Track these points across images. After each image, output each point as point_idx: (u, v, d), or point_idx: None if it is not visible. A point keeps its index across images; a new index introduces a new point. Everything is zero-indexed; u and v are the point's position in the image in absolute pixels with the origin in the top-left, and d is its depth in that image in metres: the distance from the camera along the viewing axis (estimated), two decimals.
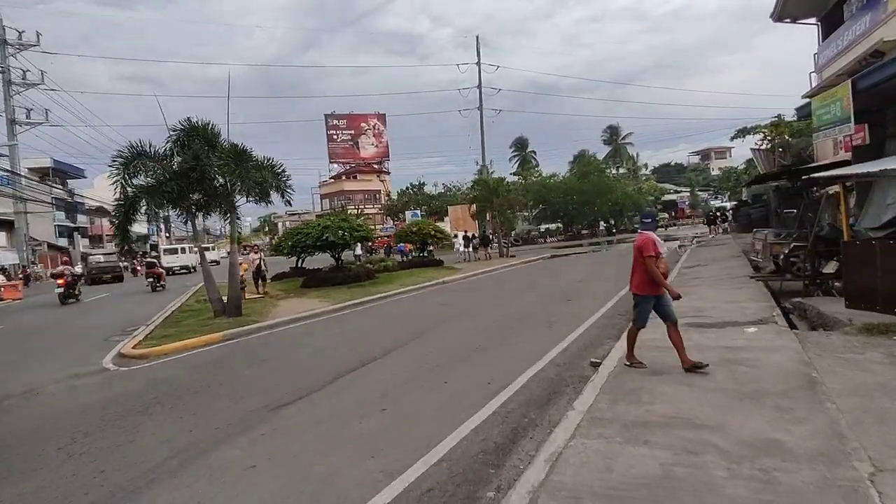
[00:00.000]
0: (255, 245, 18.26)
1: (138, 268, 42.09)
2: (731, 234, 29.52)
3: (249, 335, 10.20)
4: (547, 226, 55.69)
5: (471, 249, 27.28)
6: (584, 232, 49.89)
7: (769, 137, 26.77)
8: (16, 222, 42.20)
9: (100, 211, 67.56)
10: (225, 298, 11.97)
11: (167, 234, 76.27)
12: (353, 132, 75.32)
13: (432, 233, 22.51)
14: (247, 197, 10.76)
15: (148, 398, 6.25)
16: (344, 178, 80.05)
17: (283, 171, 12.68)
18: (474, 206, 28.55)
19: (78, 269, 33.06)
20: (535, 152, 70.21)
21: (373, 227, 60.22)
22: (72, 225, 57.44)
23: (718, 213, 33.05)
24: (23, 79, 40.57)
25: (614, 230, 52.83)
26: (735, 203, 34.60)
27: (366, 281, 17.62)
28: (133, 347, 9.11)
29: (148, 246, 73.54)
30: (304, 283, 17.82)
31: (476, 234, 30.42)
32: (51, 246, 51.61)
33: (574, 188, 46.49)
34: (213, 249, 66.29)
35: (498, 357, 7.02)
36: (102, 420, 5.57)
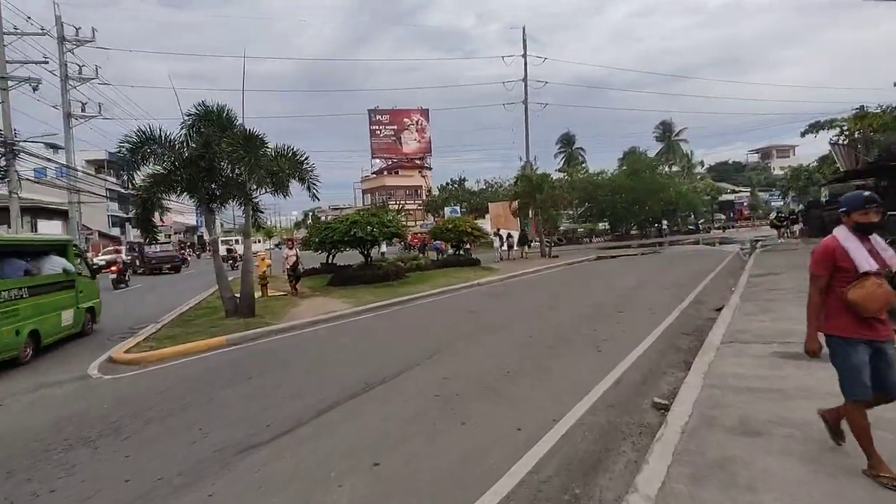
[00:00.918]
0: (292, 240, 17.42)
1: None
2: (801, 239, 26.67)
3: (255, 340, 9.19)
4: (593, 225, 53.27)
5: (505, 248, 25.84)
6: (634, 232, 47.24)
7: (849, 132, 23.87)
8: (70, 212, 43.94)
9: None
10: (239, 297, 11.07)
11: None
12: (395, 127, 74.99)
13: (469, 230, 21.11)
14: (258, 187, 9.69)
15: (105, 423, 5.22)
16: (386, 173, 79.85)
17: (306, 160, 11.66)
18: (516, 202, 26.95)
19: (124, 256, 34.02)
20: (582, 149, 67.63)
21: (413, 223, 59.82)
22: (124, 215, 59.53)
23: (789, 215, 30.06)
24: (79, 74, 42.02)
25: (667, 231, 49.85)
26: (805, 204, 31.42)
27: (394, 280, 16.48)
28: (125, 352, 8.25)
29: (196, 237, 75.70)
30: (330, 281, 16.87)
31: (510, 233, 28.89)
32: (102, 235, 53.62)
33: (623, 186, 43.99)
34: (259, 241, 67.34)
35: (532, 388, 5.61)
36: (32, 454, 4.55)
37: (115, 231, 58.81)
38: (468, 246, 23.07)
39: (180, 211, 75.02)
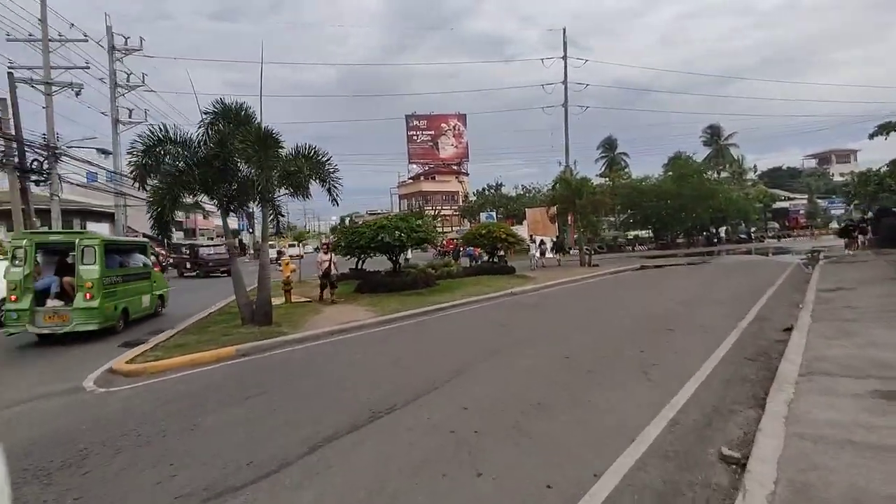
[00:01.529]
0: (328, 244, 16.92)
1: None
2: (871, 250, 24.30)
3: (266, 352, 8.55)
4: (635, 232, 51.08)
5: (538, 255, 24.80)
6: (680, 241, 44.93)
7: None
8: (115, 214, 45.70)
9: (195, 205, 72.55)
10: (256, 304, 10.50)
11: (250, 230, 79.66)
12: (433, 133, 74.79)
13: (503, 236, 20.08)
14: (266, 188, 9.06)
15: (73, 451, 4.58)
16: (422, 178, 79.76)
17: (328, 160, 11.03)
18: (554, 208, 25.74)
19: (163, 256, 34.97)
20: (625, 154, 65.46)
21: (450, 228, 59.07)
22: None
23: (859, 223, 27.59)
24: (127, 81, 43.67)
25: (716, 239, 47.20)
26: (875, 212, 28.81)
27: (424, 288, 15.68)
28: (127, 362, 7.73)
29: (238, 241, 77.47)
30: (358, 288, 16.24)
31: (544, 240, 27.69)
32: (147, 237, 55.39)
33: (669, 192, 41.87)
34: (298, 245, 67.99)
35: (567, 428, 4.64)
36: None
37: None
38: (502, 253, 22.06)
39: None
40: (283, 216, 11.55)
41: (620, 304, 12.67)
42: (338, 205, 11.50)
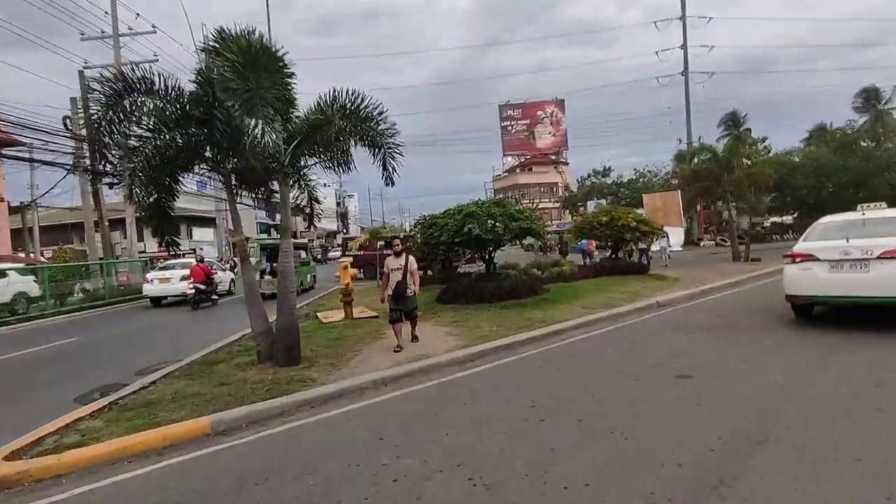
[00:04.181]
0: (398, 236, 13.26)
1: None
2: None
3: (262, 428, 4.86)
4: (773, 219, 42.24)
5: (668, 248, 19.72)
6: None
7: None
8: (217, 219, 46.78)
9: (297, 209, 74.25)
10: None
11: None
12: (528, 122, 69.94)
13: (632, 224, 15.01)
14: (267, 143, 5.21)
15: None
16: (518, 170, 75.19)
17: (379, 114, 7.25)
18: (681, 189, 20.05)
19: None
20: (750, 130, 55.69)
21: (549, 222, 53.65)
22: (270, 222, 62.88)
23: None
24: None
25: None
26: None
27: (528, 297, 11.40)
28: (6, 457, 4.39)
29: (337, 242, 77.87)
30: (440, 296, 12.39)
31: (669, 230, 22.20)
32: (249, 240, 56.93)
33: (830, 166, 33.38)
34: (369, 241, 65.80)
35: None
36: None
37: (263, 236, 62.18)
38: (631, 247, 17.06)
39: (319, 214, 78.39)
40: (316, 200, 8.00)
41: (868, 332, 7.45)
42: (393, 184, 7.68)
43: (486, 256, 12.96)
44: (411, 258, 7.65)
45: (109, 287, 19.83)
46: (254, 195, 7.72)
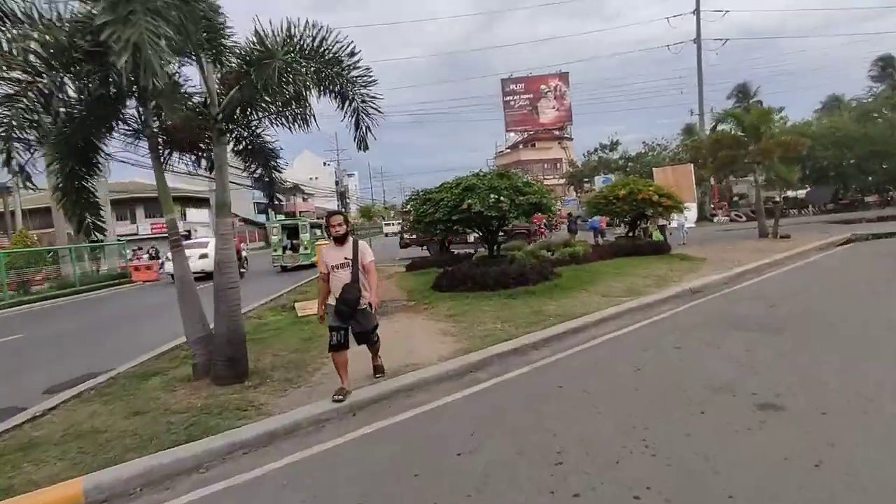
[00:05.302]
0: (344, 216, 11.45)
1: None
2: None
3: (156, 490, 3.33)
4: (792, 192, 40.12)
5: (686, 224, 18.37)
6: (870, 199, 34.09)
7: None
8: (210, 199, 44.93)
9: (295, 189, 72.78)
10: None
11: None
12: (531, 96, 67.58)
13: (654, 197, 13.24)
14: (150, 73, 3.57)
15: None
16: (521, 146, 72.90)
17: (352, 55, 5.55)
18: (694, 161, 18.22)
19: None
20: (761, 102, 53.27)
21: (554, 199, 51.49)
22: (266, 202, 60.93)
23: None
24: None
25: None
26: None
27: (537, 283, 9.78)
28: None
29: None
30: (436, 283, 10.80)
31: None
32: (246, 221, 55.17)
33: (851, 136, 31.35)
34: (387, 223, 63.64)
35: None
36: None
37: (262, 218, 60.36)
38: (648, 224, 15.37)
39: (317, 193, 76.37)
40: (277, 169, 6.35)
41: None
42: (367, 147, 5.99)
43: (490, 237, 11.30)
44: (362, 246, 4.79)
45: (82, 273, 18.31)
46: (191, 160, 6.05)
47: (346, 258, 4.67)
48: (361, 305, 4.68)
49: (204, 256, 16.96)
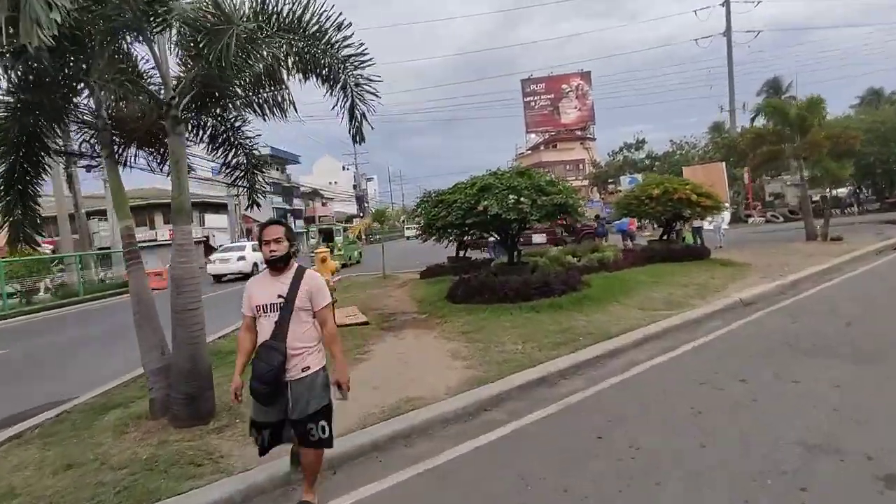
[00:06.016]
0: (285, 228, 10.39)
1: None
2: None
3: None
4: (825, 192, 37.85)
5: (723, 226, 17.10)
6: None
7: None
8: (228, 205, 44.85)
9: (314, 194, 72.87)
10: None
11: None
12: (552, 96, 66.24)
13: (692, 198, 11.96)
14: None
15: None
16: (542, 147, 71.45)
17: (340, 29, 4.64)
18: (725, 160, 16.80)
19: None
20: (794, 97, 50.89)
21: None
22: (287, 207, 60.86)
23: None
24: None
25: None
26: None
27: (563, 294, 8.68)
28: None
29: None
30: (450, 293, 9.78)
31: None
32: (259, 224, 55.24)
33: None
34: (408, 227, 62.97)
35: None
36: None
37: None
38: (683, 226, 14.05)
39: (336, 197, 76.23)
40: (257, 168, 5.44)
41: None
42: (363, 139, 5.07)
43: (510, 242, 10.24)
44: (309, 278, 2.98)
45: (86, 282, 17.82)
46: (154, 157, 5.18)
47: (281, 294, 2.89)
48: (303, 374, 2.89)
49: (241, 259, 20.59)
